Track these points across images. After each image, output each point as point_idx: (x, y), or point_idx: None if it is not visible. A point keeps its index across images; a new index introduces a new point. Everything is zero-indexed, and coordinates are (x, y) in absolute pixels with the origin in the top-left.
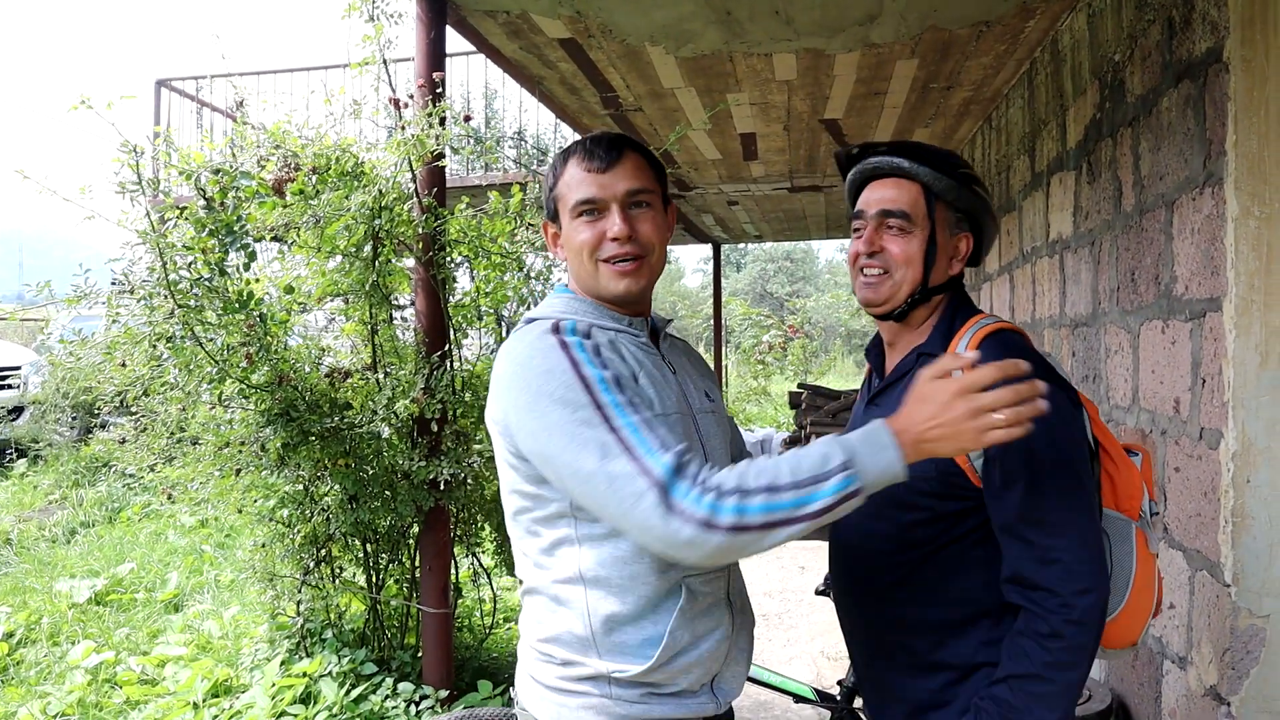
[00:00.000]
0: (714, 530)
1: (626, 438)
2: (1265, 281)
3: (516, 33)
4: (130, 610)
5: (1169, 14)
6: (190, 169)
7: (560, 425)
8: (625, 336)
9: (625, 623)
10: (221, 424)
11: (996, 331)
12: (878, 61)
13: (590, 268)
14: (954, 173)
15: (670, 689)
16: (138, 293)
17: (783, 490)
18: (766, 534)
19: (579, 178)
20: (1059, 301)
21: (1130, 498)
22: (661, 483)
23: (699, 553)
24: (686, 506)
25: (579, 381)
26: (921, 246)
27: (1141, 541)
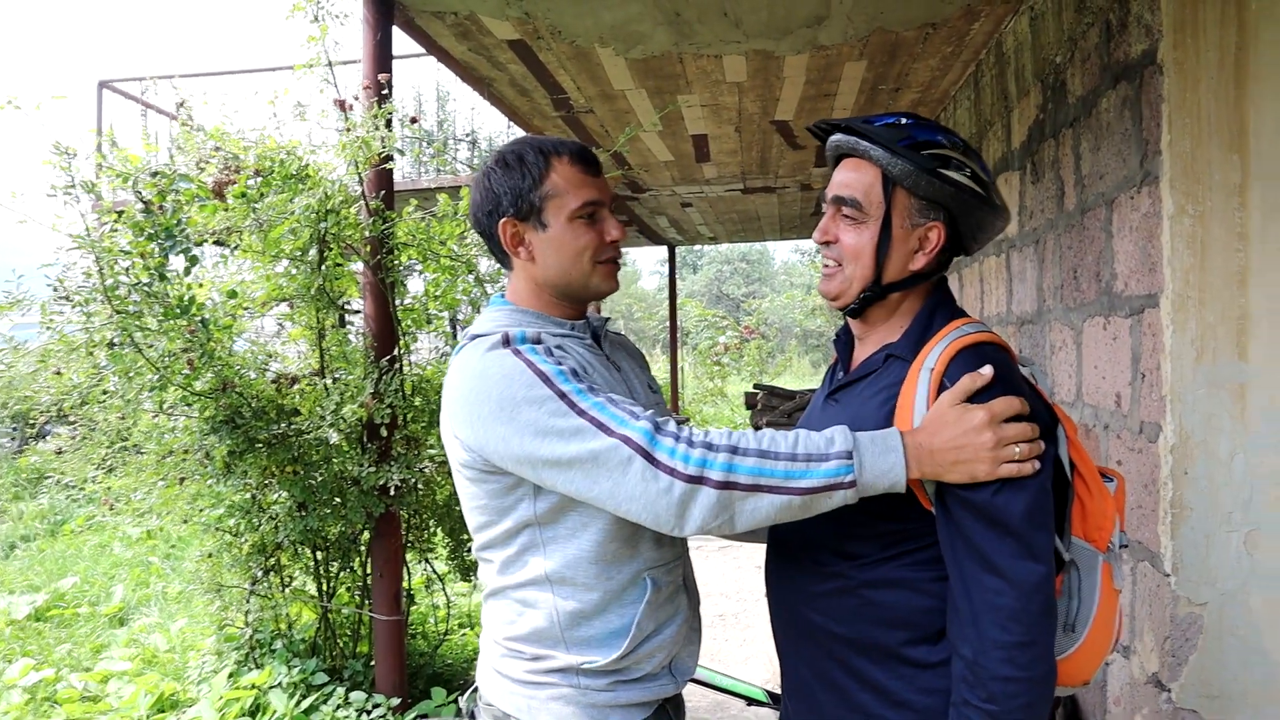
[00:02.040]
0: (704, 484)
1: (597, 416)
2: (1200, 278)
3: (465, 34)
4: (72, 626)
5: (1107, 17)
6: (127, 172)
7: (531, 423)
8: (571, 340)
9: (592, 616)
10: (164, 432)
11: (975, 345)
12: (827, 63)
13: (587, 269)
14: (916, 154)
15: (635, 674)
16: (74, 299)
17: (778, 458)
18: (752, 496)
19: (579, 179)
20: (1006, 299)
21: (1100, 528)
22: (643, 446)
23: (691, 511)
24: (675, 463)
25: (538, 379)
26: (873, 239)
27: (1107, 575)
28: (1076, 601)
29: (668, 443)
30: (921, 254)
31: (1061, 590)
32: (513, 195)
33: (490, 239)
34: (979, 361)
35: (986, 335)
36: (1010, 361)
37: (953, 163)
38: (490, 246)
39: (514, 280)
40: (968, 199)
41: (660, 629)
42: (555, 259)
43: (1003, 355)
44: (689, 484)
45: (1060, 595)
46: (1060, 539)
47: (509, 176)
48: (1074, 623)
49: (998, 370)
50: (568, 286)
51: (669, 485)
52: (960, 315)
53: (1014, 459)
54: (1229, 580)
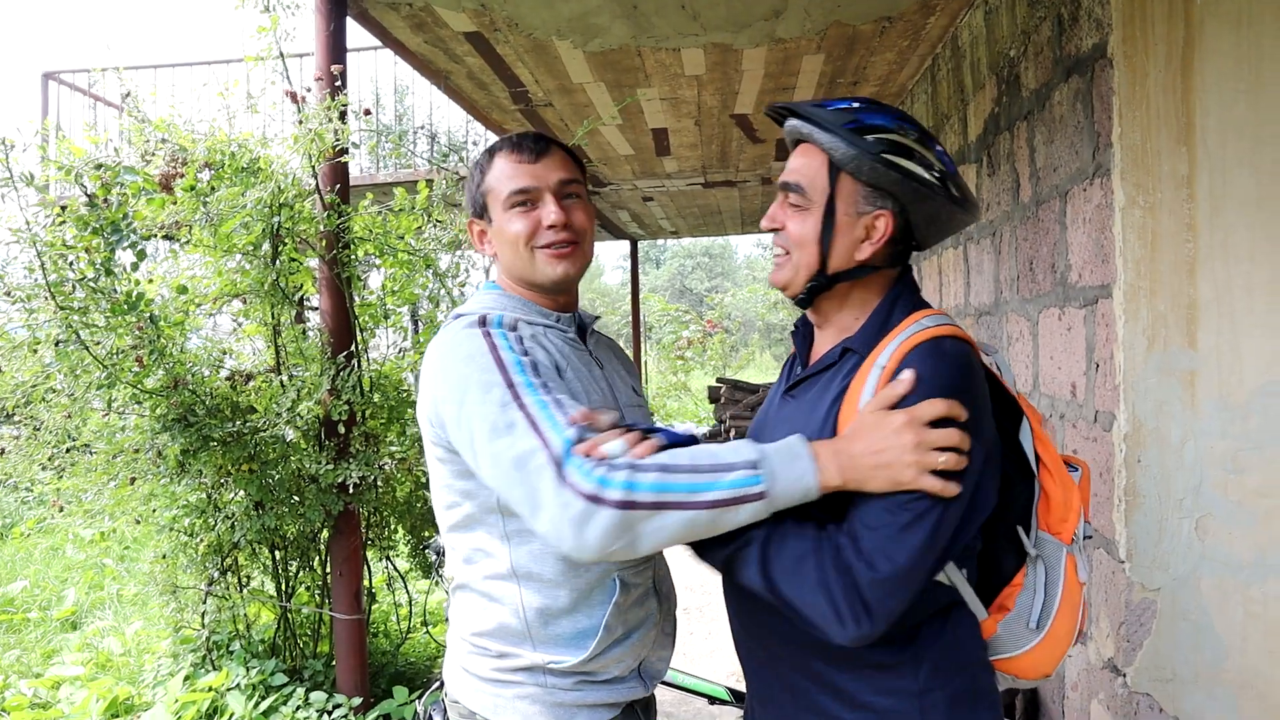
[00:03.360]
0: (601, 505)
1: (534, 414)
2: (1151, 268)
3: (420, 26)
4: (22, 631)
5: (1059, 11)
6: (71, 164)
7: (478, 409)
8: (553, 332)
9: (560, 615)
10: (115, 431)
11: (932, 340)
12: (785, 57)
13: (526, 256)
14: (861, 139)
15: (603, 676)
16: (15, 295)
17: (679, 471)
18: (656, 515)
19: (510, 170)
20: (964, 291)
21: (1064, 520)
22: (558, 456)
23: (588, 533)
24: (577, 480)
25: (495, 364)
26: (816, 226)
27: (1071, 568)
28: (1042, 596)
29: (578, 457)
30: (868, 243)
31: (1025, 584)
32: (470, 197)
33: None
34: (935, 356)
35: (946, 329)
36: (971, 356)
37: (902, 149)
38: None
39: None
40: (918, 188)
41: (630, 632)
42: (502, 250)
43: (963, 348)
44: (587, 503)
45: (1023, 589)
46: (1025, 533)
47: (471, 181)
48: (1039, 620)
49: (957, 366)
50: (520, 276)
51: (567, 502)
52: (923, 308)
53: (939, 466)
54: (1180, 565)
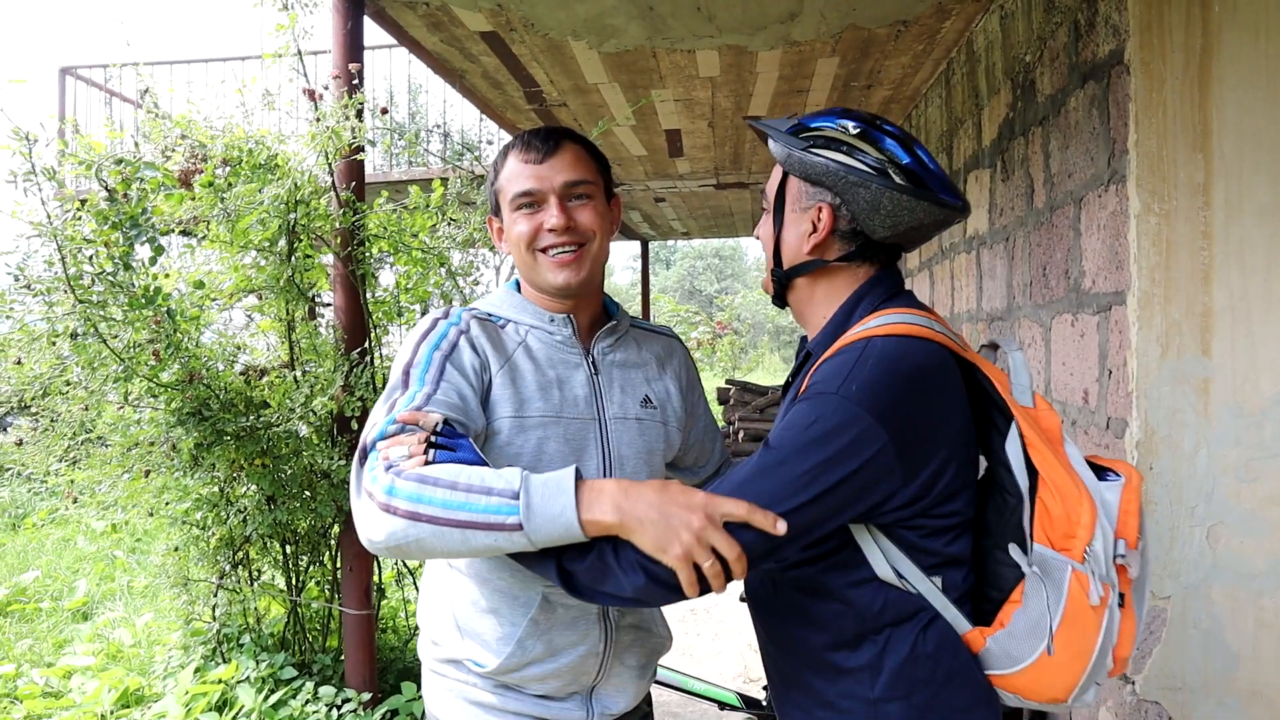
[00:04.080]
0: (371, 502)
1: (396, 402)
2: (1165, 276)
3: (437, 25)
4: (34, 620)
5: (1075, 17)
6: (91, 159)
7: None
8: (538, 333)
9: (483, 612)
10: (130, 424)
11: (864, 339)
12: (799, 59)
13: (529, 259)
14: (795, 138)
15: (528, 691)
16: (35, 288)
17: (438, 486)
18: (413, 524)
19: (516, 170)
20: (976, 296)
21: (1069, 535)
22: (366, 445)
23: (363, 526)
24: (366, 480)
25: (410, 355)
26: (771, 225)
27: (1077, 587)
28: (1034, 613)
29: (375, 452)
30: (814, 236)
31: (1023, 601)
32: (489, 192)
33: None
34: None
35: (897, 327)
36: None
37: (833, 143)
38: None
39: None
40: (847, 176)
41: (556, 655)
42: (510, 248)
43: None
44: (361, 500)
45: (1020, 605)
46: (1020, 547)
47: (490, 175)
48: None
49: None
50: (526, 277)
51: (356, 490)
52: (891, 307)
53: (702, 565)
54: (1191, 573)
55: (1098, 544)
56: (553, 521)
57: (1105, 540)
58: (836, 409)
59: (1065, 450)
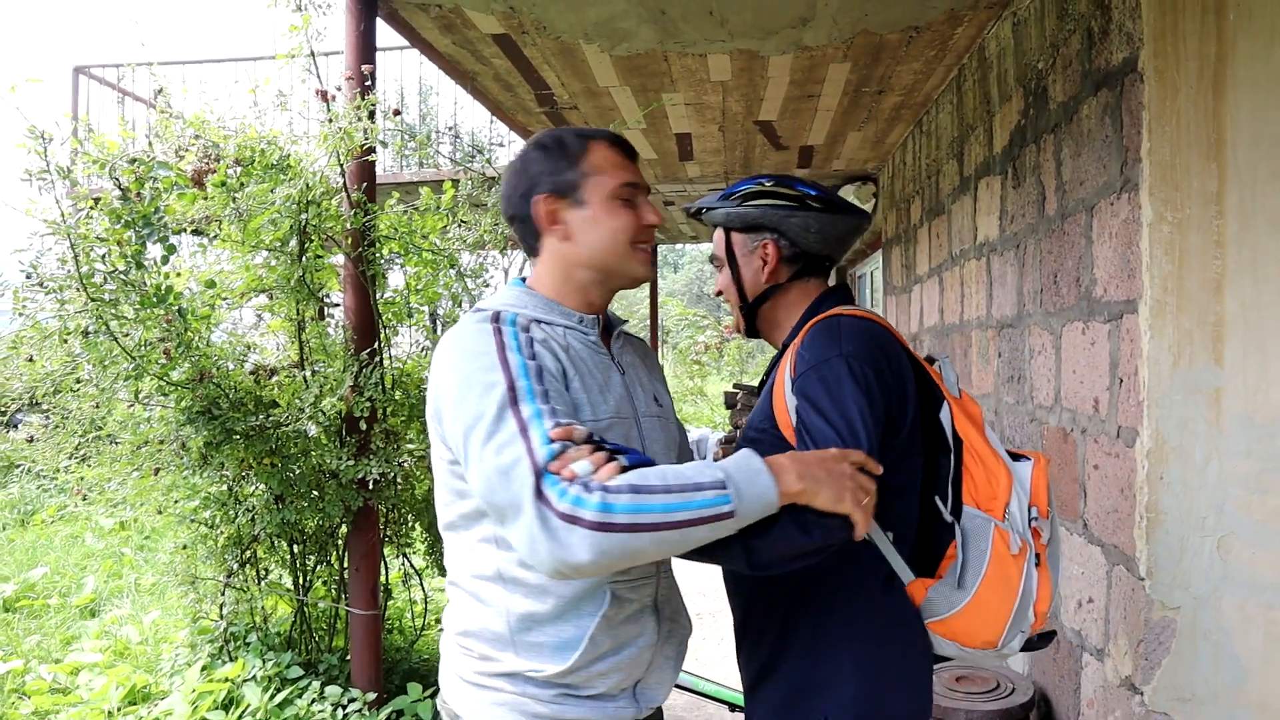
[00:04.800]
0: (577, 525)
1: (527, 423)
2: (1178, 284)
3: (449, 27)
4: (42, 617)
5: (1089, 24)
6: (105, 158)
7: (475, 406)
8: (574, 334)
9: (543, 623)
10: (140, 422)
11: (829, 316)
12: (811, 64)
13: (624, 250)
14: (727, 201)
15: (587, 691)
16: (47, 285)
17: (654, 492)
18: (633, 536)
19: (617, 161)
20: (986, 303)
21: (992, 497)
22: (539, 470)
23: (560, 552)
24: (554, 499)
25: (499, 363)
26: (729, 274)
27: (999, 540)
28: (963, 560)
29: (554, 475)
30: (767, 267)
31: (956, 554)
32: (551, 174)
33: (522, 222)
34: (829, 323)
35: (853, 310)
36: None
37: (757, 194)
38: (520, 232)
39: (539, 266)
40: (776, 212)
41: (619, 648)
42: (594, 236)
43: (860, 322)
44: (565, 523)
45: (954, 560)
46: (943, 503)
47: (547, 158)
48: (960, 580)
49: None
50: (603, 266)
51: (545, 519)
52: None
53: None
54: (1202, 585)
55: (1014, 507)
56: (758, 500)
57: (1020, 506)
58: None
59: (986, 433)
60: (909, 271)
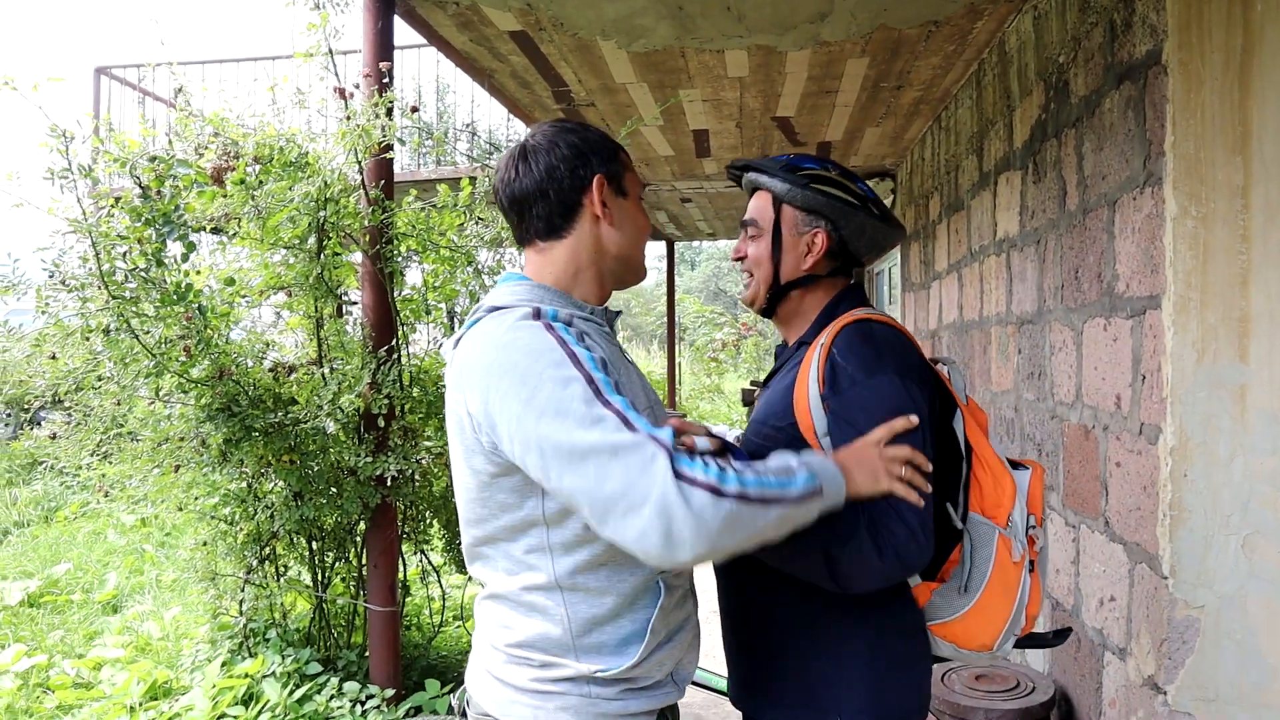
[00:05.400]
0: (723, 498)
1: (621, 411)
2: (1202, 280)
3: (466, 24)
4: (66, 612)
5: (1111, 17)
6: (125, 156)
7: (552, 403)
8: (591, 326)
9: (604, 623)
10: (160, 419)
11: (857, 321)
12: (829, 60)
13: (640, 253)
14: (794, 175)
15: (645, 682)
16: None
17: (769, 472)
18: (763, 509)
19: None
20: (1005, 299)
21: (997, 505)
22: (669, 449)
23: (707, 524)
24: (695, 473)
25: (569, 358)
26: (767, 247)
27: (1003, 547)
28: (969, 566)
29: (685, 453)
30: (810, 255)
31: (960, 559)
32: (601, 156)
33: (560, 198)
34: (863, 332)
35: (876, 315)
36: (898, 336)
37: (827, 180)
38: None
39: (556, 253)
40: (842, 207)
41: (672, 635)
42: (631, 229)
43: (888, 330)
44: (710, 494)
45: (959, 564)
46: (953, 509)
47: (596, 143)
48: (965, 585)
49: (884, 337)
50: (625, 262)
51: (689, 494)
52: (861, 306)
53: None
54: (1227, 583)
55: (1016, 515)
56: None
57: (1021, 513)
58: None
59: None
60: (928, 268)
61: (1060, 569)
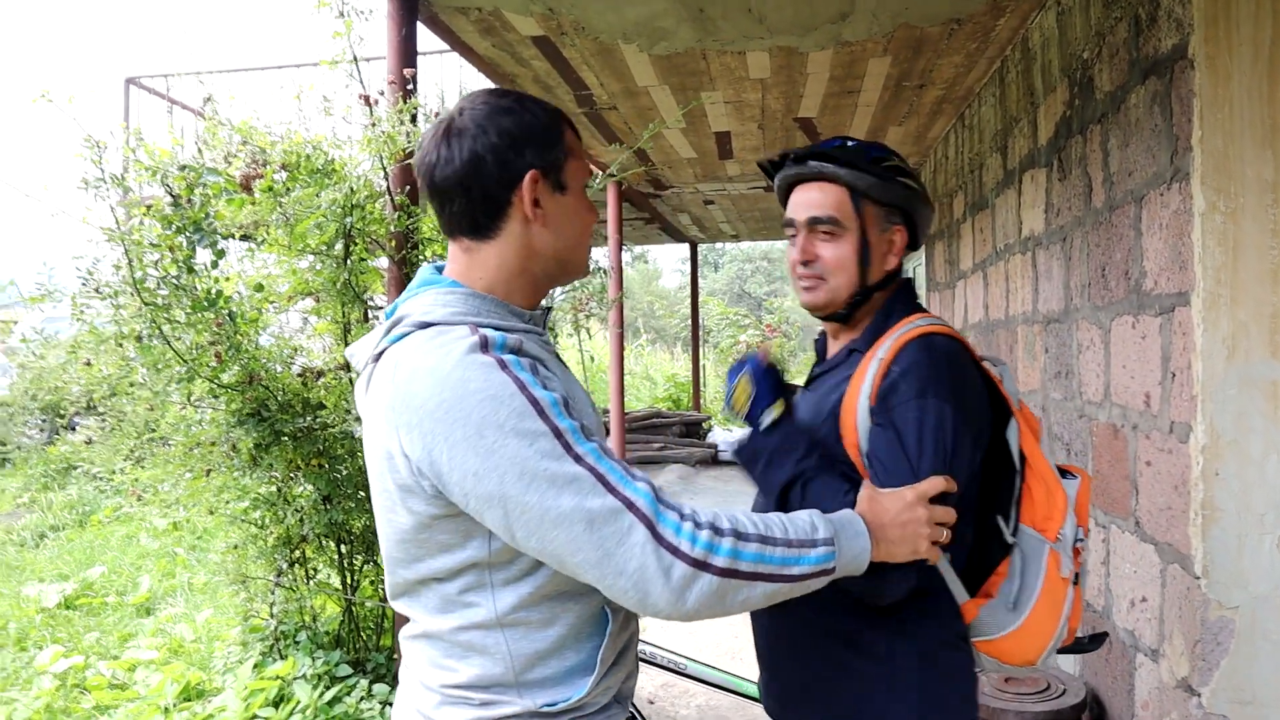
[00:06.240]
0: (707, 570)
1: (594, 466)
2: (1232, 276)
3: (489, 30)
4: (100, 614)
5: (1136, 11)
6: (157, 165)
7: (517, 461)
8: (531, 336)
9: (548, 656)
10: (191, 424)
11: (921, 336)
12: (851, 59)
13: (582, 252)
14: (877, 169)
15: (592, 708)
16: (103, 291)
17: (777, 544)
18: (751, 585)
19: (581, 147)
20: (1031, 298)
21: (1049, 519)
22: (648, 516)
23: (688, 596)
24: (681, 542)
25: (530, 407)
26: (854, 249)
27: (1053, 563)
28: (1018, 583)
29: (672, 517)
30: (892, 254)
31: (1008, 574)
32: (539, 147)
33: (485, 195)
34: (925, 350)
35: (938, 328)
36: (960, 352)
37: (903, 170)
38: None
39: (484, 255)
40: (916, 200)
41: (619, 659)
42: (570, 229)
43: (952, 344)
44: (693, 568)
45: (1006, 579)
46: (1005, 523)
47: (528, 123)
48: (1015, 602)
49: (947, 357)
50: (568, 261)
51: (670, 565)
52: (917, 311)
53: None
54: (1261, 583)
55: (1067, 529)
56: (852, 562)
57: (1071, 526)
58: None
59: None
60: (952, 267)
61: (1090, 570)
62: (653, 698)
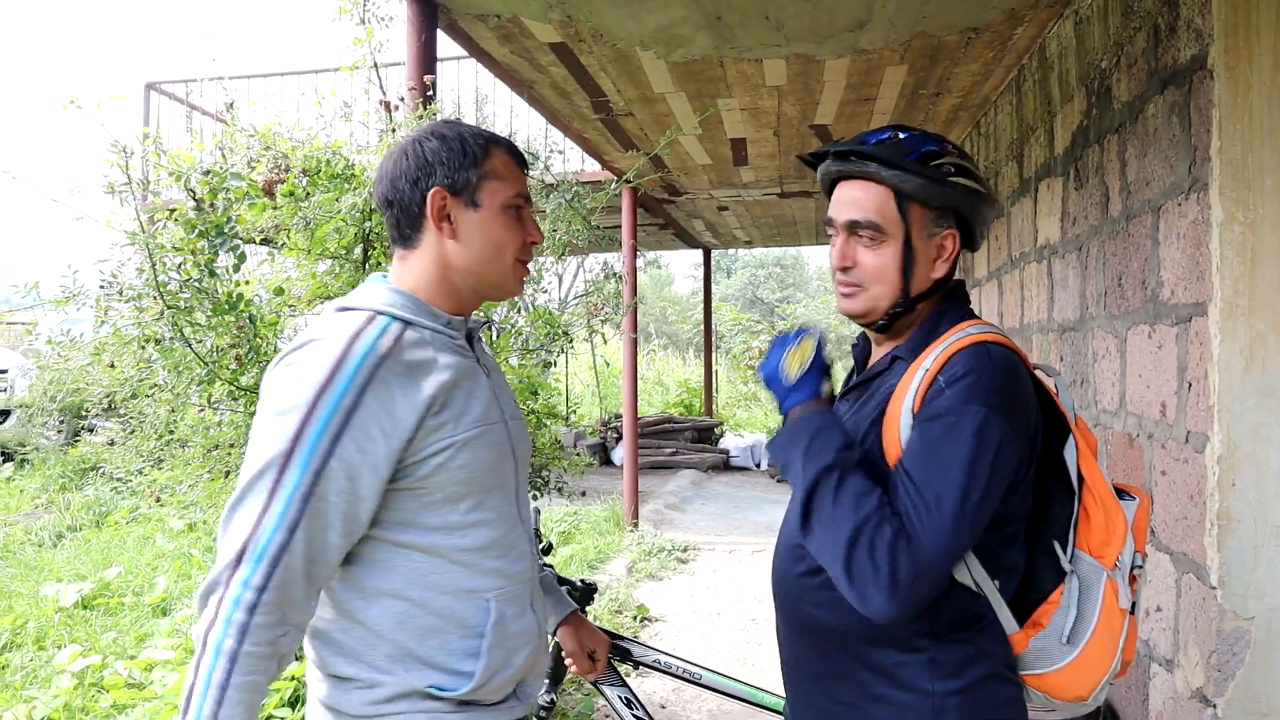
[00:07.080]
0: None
1: (268, 500)
2: (1250, 286)
3: (507, 36)
4: (117, 614)
5: (1155, 21)
6: (180, 170)
7: (263, 433)
8: (442, 339)
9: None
10: (211, 426)
11: (974, 344)
12: (867, 67)
13: (508, 264)
14: (926, 168)
15: (488, 701)
16: (126, 294)
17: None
18: None
19: (515, 171)
20: (1047, 307)
21: (1106, 544)
22: (226, 578)
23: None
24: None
25: (313, 389)
26: (896, 257)
27: (1110, 592)
28: (1074, 613)
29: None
30: (941, 261)
31: (1061, 603)
32: (449, 166)
33: (403, 209)
34: (979, 359)
35: (992, 335)
36: (1016, 362)
37: (959, 169)
38: (396, 218)
39: (411, 263)
40: (974, 200)
41: (510, 658)
42: (481, 243)
43: (1007, 354)
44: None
45: (1059, 608)
46: (1062, 549)
47: (446, 150)
48: (1070, 635)
49: (1000, 368)
50: (484, 276)
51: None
52: (970, 317)
53: None
54: (1278, 594)
55: (1125, 555)
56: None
57: (1129, 552)
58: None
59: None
60: (967, 275)
61: None
62: (664, 702)
